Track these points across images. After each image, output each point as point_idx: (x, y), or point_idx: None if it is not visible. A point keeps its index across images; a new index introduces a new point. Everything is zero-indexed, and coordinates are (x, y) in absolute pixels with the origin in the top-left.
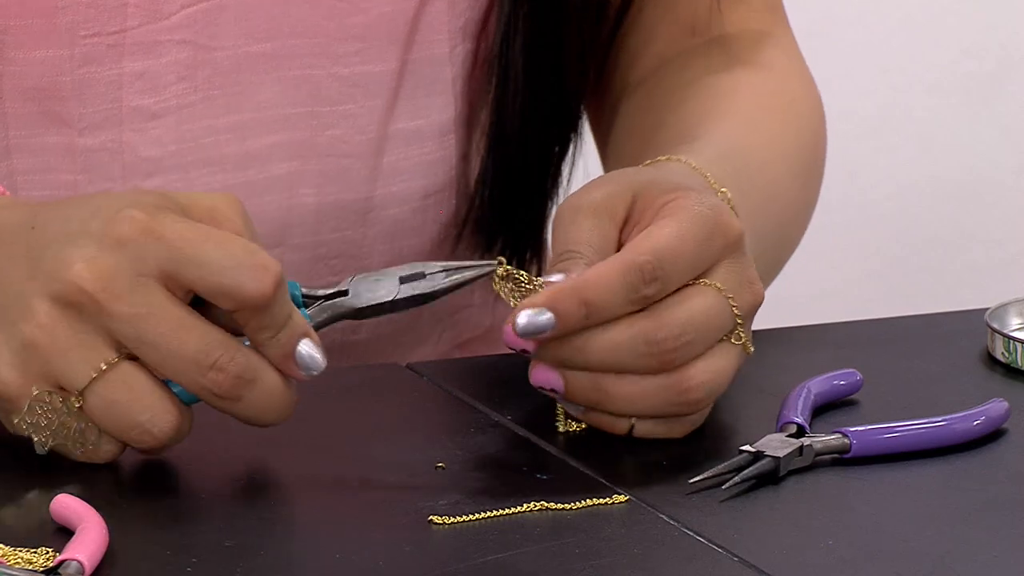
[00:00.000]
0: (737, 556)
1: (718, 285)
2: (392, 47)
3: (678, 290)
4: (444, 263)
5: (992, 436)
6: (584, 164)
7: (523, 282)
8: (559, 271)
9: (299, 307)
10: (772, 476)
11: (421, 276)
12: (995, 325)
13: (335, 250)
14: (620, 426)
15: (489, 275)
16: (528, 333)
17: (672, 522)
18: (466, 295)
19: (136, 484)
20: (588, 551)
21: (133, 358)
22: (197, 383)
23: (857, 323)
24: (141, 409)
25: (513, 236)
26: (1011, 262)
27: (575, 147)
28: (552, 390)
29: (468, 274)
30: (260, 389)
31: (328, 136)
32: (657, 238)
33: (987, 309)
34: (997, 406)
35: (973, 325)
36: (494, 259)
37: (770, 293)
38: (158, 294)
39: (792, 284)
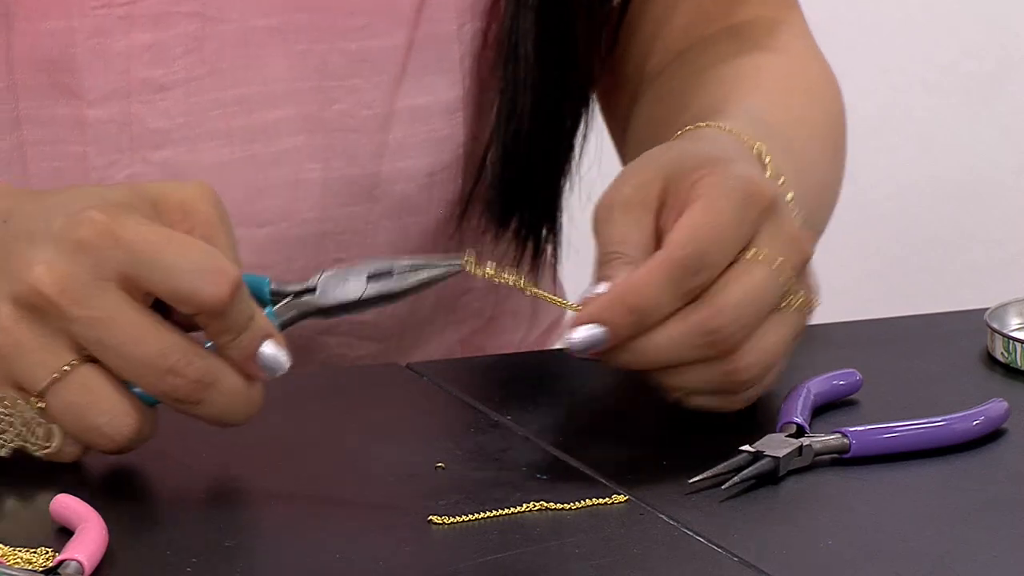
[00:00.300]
0: (737, 556)
1: (765, 253)
2: (399, 23)
3: (725, 270)
4: (412, 260)
5: (992, 436)
6: (597, 139)
7: (492, 275)
8: (603, 279)
9: (267, 303)
10: (772, 476)
11: (390, 273)
12: (995, 325)
13: (341, 225)
14: (671, 398)
15: (458, 272)
16: (583, 349)
17: (672, 522)
18: (466, 279)
19: (136, 484)
20: (588, 551)
21: (94, 361)
22: (156, 387)
23: (857, 323)
24: (99, 412)
25: (528, 214)
26: (1011, 262)
27: (587, 122)
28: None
29: (436, 272)
30: (220, 392)
31: (335, 111)
32: (692, 226)
33: (987, 309)
34: (997, 406)
35: (973, 325)
36: (461, 257)
37: None
38: (117, 298)
39: None
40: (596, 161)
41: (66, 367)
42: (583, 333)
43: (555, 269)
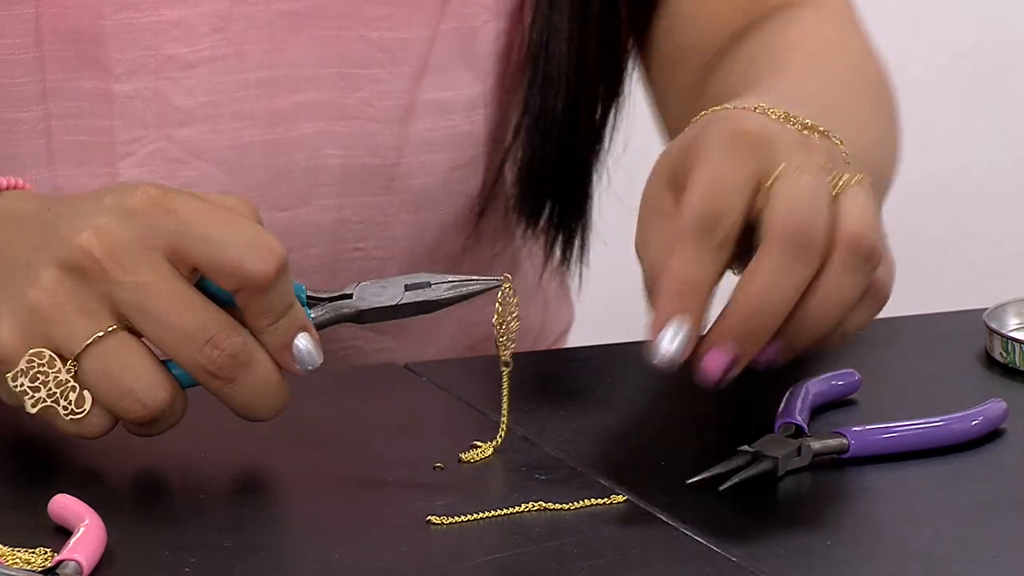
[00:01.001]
0: (735, 556)
1: (783, 165)
2: (422, 15)
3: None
4: (451, 275)
5: (990, 436)
6: (624, 136)
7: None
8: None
9: (303, 307)
10: (770, 476)
11: (427, 286)
12: (993, 325)
13: (359, 215)
14: (837, 340)
15: (494, 290)
16: (726, 375)
17: (670, 522)
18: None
19: (135, 484)
20: (586, 551)
21: (132, 331)
22: (193, 359)
23: None
24: (135, 377)
25: (558, 208)
26: (1010, 262)
27: (617, 115)
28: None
29: (474, 287)
30: (254, 374)
31: (356, 98)
32: (691, 192)
33: (985, 309)
34: (995, 406)
35: (971, 325)
36: (500, 275)
37: None
38: (163, 267)
39: None
40: (622, 152)
41: (105, 331)
42: (713, 357)
43: (581, 264)
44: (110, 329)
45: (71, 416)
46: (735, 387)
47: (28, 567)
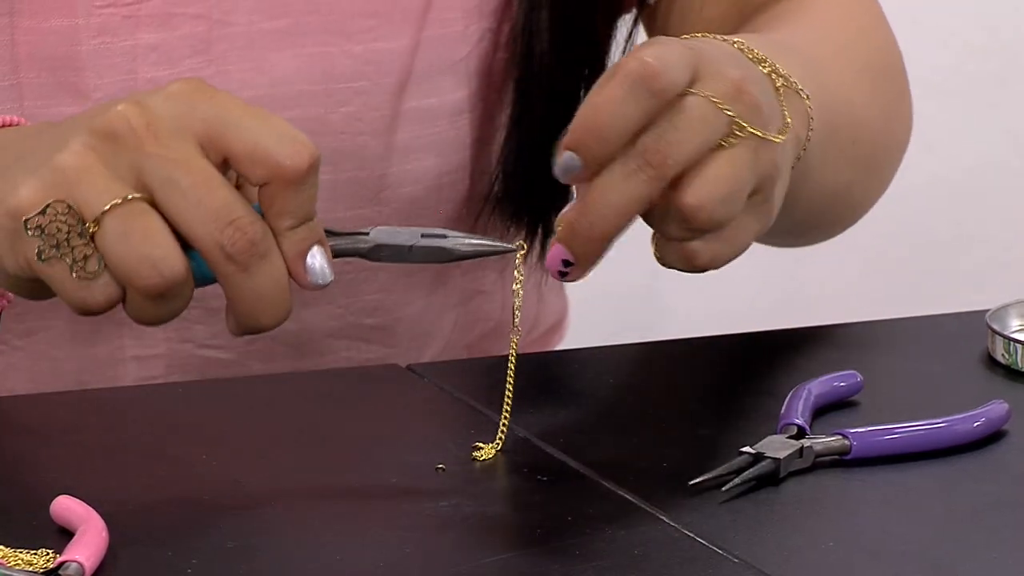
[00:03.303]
0: (737, 558)
1: (694, 91)
2: (405, 24)
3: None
4: (467, 233)
5: (993, 437)
6: None
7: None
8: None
9: None
10: (772, 478)
11: (443, 237)
12: (995, 326)
13: (350, 228)
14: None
15: (507, 254)
16: (567, 177)
17: (672, 524)
18: (478, 280)
19: (136, 485)
20: (589, 552)
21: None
22: (213, 237)
23: (857, 324)
24: (155, 244)
25: (539, 216)
26: (1012, 263)
27: None
28: (564, 263)
29: (488, 247)
30: (267, 270)
31: (342, 113)
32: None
33: (988, 310)
34: (997, 407)
35: (974, 326)
36: (515, 242)
37: (771, 294)
38: (195, 149)
39: (793, 285)
40: None
41: (128, 197)
42: (561, 161)
43: None
44: (134, 196)
45: (80, 276)
46: (736, 388)
47: (30, 568)
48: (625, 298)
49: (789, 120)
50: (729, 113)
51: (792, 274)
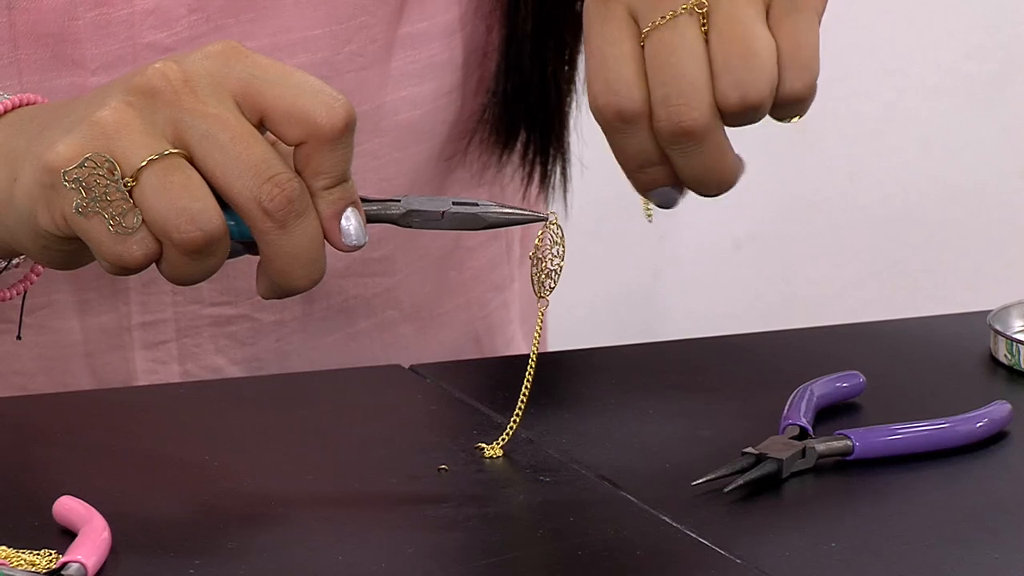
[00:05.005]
0: (740, 558)
1: None
2: None
3: None
4: (499, 203)
5: (995, 438)
6: None
7: (558, 241)
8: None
9: None
10: (775, 478)
11: (475, 205)
12: (998, 327)
13: (354, 165)
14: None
15: (538, 222)
16: (673, 202)
17: (675, 524)
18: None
19: (138, 485)
20: (591, 553)
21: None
22: (252, 192)
23: (860, 325)
24: (194, 197)
25: (535, 133)
26: (1014, 264)
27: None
28: None
29: (521, 216)
30: (304, 228)
31: (346, 52)
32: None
33: (990, 311)
34: (1000, 408)
35: (976, 327)
36: (547, 212)
37: (772, 295)
38: (232, 105)
39: (795, 286)
40: None
41: (166, 152)
42: (658, 194)
43: (564, 189)
44: (172, 152)
45: (118, 231)
46: (738, 389)
47: (32, 569)
48: (626, 299)
49: None
50: None
51: (792, 274)
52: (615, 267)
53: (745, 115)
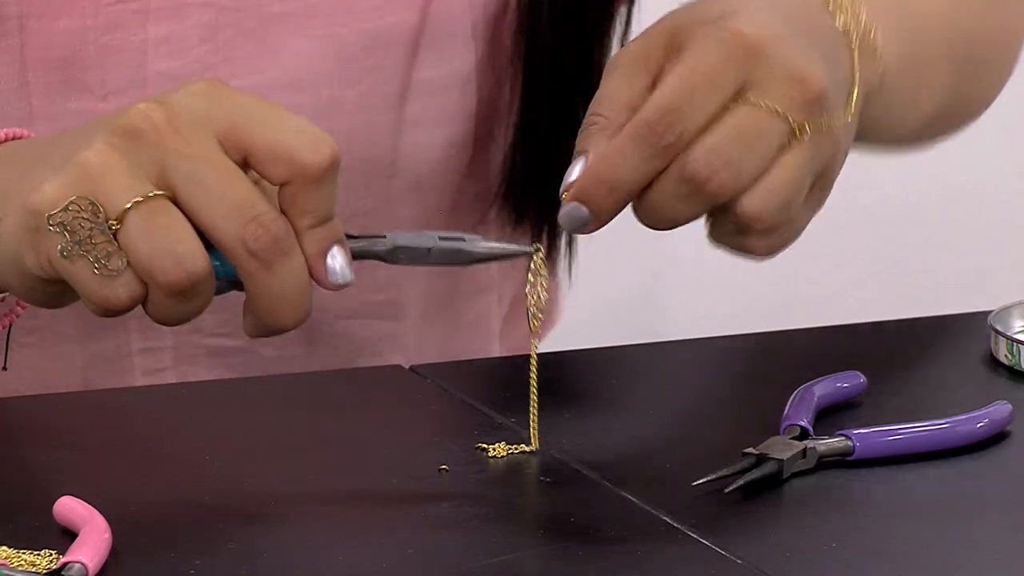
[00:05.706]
0: (741, 559)
1: (752, 93)
2: None
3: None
4: (484, 236)
5: (995, 438)
6: None
7: (543, 276)
8: (579, 153)
9: None
10: (776, 479)
11: (461, 240)
12: (999, 327)
13: (366, 206)
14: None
15: (525, 257)
16: (574, 229)
17: (676, 525)
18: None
19: (139, 486)
20: (591, 553)
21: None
22: (237, 232)
23: (860, 325)
24: (178, 240)
25: (547, 198)
26: (1014, 264)
27: None
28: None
29: (507, 250)
30: (289, 268)
31: (355, 92)
32: (661, 87)
33: (991, 311)
34: (1000, 408)
35: (976, 327)
36: (531, 244)
37: (772, 295)
38: (216, 146)
39: (795, 286)
40: None
41: (151, 194)
42: (566, 211)
43: (570, 258)
44: (156, 193)
45: (103, 274)
46: (738, 390)
47: (33, 569)
48: (626, 299)
49: (857, 88)
50: (789, 118)
51: (792, 274)
52: (615, 268)
53: None
